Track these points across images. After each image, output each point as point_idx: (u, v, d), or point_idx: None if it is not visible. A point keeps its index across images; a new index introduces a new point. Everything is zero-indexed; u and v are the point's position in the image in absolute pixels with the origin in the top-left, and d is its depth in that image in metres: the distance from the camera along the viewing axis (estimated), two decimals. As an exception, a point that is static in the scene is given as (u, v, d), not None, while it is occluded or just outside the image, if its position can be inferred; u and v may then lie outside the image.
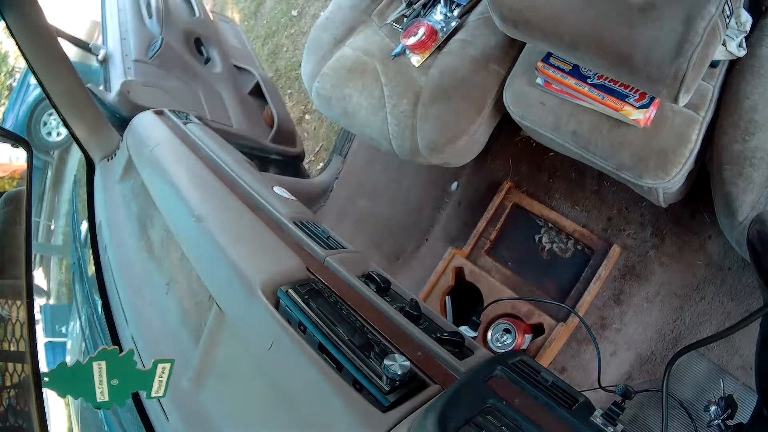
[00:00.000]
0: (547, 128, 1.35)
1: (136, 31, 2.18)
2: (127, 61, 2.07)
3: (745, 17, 1.18)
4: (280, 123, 2.41)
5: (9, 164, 1.04)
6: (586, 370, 1.65)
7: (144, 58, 2.11)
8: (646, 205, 1.66)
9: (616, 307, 1.66)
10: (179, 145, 1.26)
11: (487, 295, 1.71)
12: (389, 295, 0.93)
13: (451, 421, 0.61)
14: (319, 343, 0.77)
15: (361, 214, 2.22)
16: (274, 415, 0.80)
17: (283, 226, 1.07)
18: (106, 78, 2.07)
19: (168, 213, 1.11)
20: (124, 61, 2.07)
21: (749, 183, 1.16)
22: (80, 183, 1.89)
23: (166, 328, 1.05)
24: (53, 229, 3.48)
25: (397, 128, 1.55)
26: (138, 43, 2.15)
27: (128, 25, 2.20)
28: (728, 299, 1.53)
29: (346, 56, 1.65)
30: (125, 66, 2.05)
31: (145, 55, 2.12)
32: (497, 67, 1.47)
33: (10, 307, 0.80)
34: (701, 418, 1.36)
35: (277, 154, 2.39)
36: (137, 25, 2.21)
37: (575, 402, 0.69)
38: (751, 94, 1.17)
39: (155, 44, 2.16)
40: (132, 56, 2.09)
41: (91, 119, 1.42)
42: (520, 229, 1.83)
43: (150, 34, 2.21)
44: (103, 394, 0.68)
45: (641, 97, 1.20)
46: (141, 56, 2.11)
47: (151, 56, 2.13)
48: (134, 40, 2.15)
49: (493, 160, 1.94)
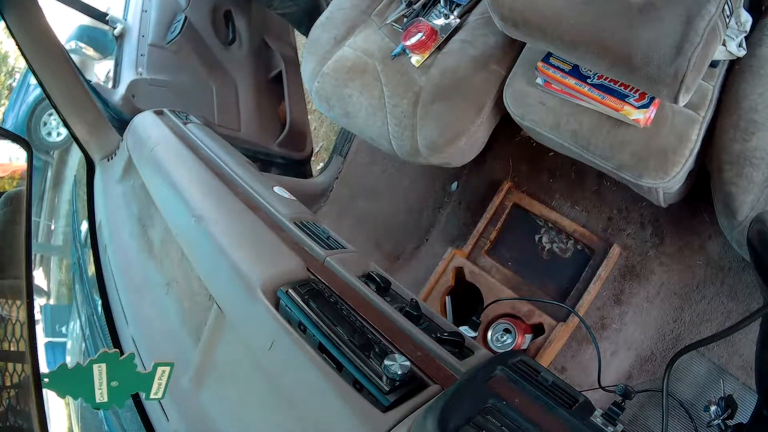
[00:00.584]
0: (547, 128, 1.35)
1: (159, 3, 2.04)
2: (142, 45, 1.96)
3: (745, 17, 1.18)
4: (292, 125, 2.30)
5: (9, 164, 1.04)
6: (586, 370, 1.65)
7: (161, 42, 1.99)
8: (646, 205, 1.66)
9: (616, 307, 1.66)
10: (179, 145, 1.26)
11: (487, 295, 1.71)
12: (389, 295, 0.93)
13: (451, 421, 0.61)
14: (319, 343, 0.77)
15: (361, 214, 2.22)
16: (274, 415, 0.81)
17: (283, 226, 1.07)
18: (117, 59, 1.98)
19: (168, 213, 1.11)
20: (139, 46, 1.95)
21: (749, 183, 1.16)
22: (80, 183, 1.89)
23: (166, 328, 1.05)
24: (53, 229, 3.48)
25: (397, 128, 1.55)
26: (159, 19, 2.01)
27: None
28: (728, 299, 1.53)
29: (346, 56, 1.65)
30: (139, 53, 1.94)
31: (162, 38, 2.00)
32: (497, 67, 1.47)
33: (10, 307, 0.80)
34: (701, 418, 1.37)
35: (282, 158, 2.33)
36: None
37: (575, 402, 0.69)
38: (751, 94, 1.17)
39: (176, 25, 2.02)
40: (149, 38, 1.97)
41: (91, 119, 1.42)
42: (520, 229, 1.83)
43: (175, 6, 2.05)
44: (102, 396, 0.68)
45: (641, 97, 1.20)
46: (158, 39, 1.99)
47: (169, 40, 2.00)
48: (156, 13, 2.02)
49: (493, 160, 1.94)
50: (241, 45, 2.20)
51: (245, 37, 2.20)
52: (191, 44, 2.05)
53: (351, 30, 1.69)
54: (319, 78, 1.66)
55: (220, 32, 2.16)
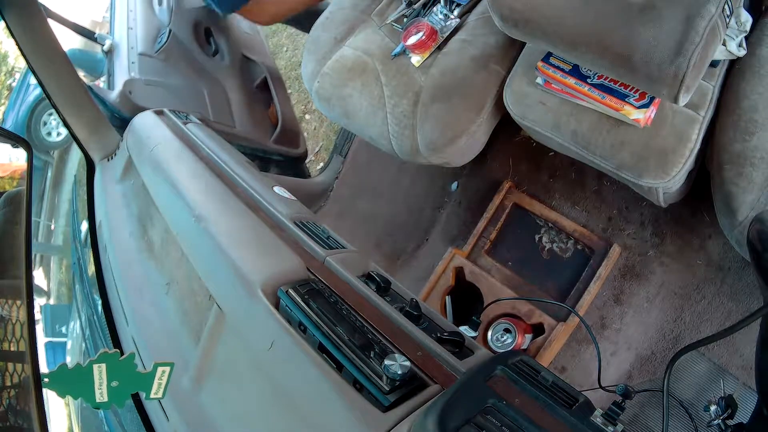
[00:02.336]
0: (547, 128, 1.35)
1: (144, 20, 2.13)
2: (132, 54, 2.03)
3: (745, 17, 1.18)
4: (284, 123, 2.37)
5: (9, 164, 1.04)
6: (586, 369, 1.65)
7: (150, 52, 2.06)
8: (646, 204, 1.66)
9: (616, 306, 1.66)
10: (179, 145, 1.26)
11: (487, 295, 1.71)
12: (389, 295, 0.93)
13: (451, 421, 0.61)
14: (320, 343, 0.77)
15: (361, 214, 2.22)
16: (274, 415, 0.80)
17: (283, 226, 1.07)
18: (109, 71, 2.04)
19: (168, 213, 1.11)
20: (129, 55, 2.02)
21: (749, 183, 1.16)
22: (80, 183, 1.89)
23: (166, 328, 1.05)
24: (53, 229, 3.49)
25: (397, 128, 1.55)
26: (145, 34, 2.10)
27: (137, 13, 2.15)
28: (728, 299, 1.53)
29: (346, 56, 1.65)
30: (130, 60, 2.01)
31: (151, 48, 2.08)
32: (497, 67, 1.47)
33: (10, 307, 0.80)
34: (701, 417, 1.36)
35: (278, 155, 2.37)
36: (146, 13, 2.15)
37: (575, 402, 0.69)
38: (751, 94, 1.17)
39: (162, 36, 2.11)
40: (138, 49, 2.04)
41: (91, 119, 1.42)
42: (520, 229, 1.83)
43: (158, 23, 2.15)
44: (102, 395, 0.68)
45: (641, 96, 1.20)
46: (147, 49, 2.06)
47: (157, 49, 2.08)
48: (142, 30, 2.10)
49: (493, 160, 1.94)
50: (224, 57, 2.31)
51: (227, 51, 2.31)
52: (179, 54, 2.13)
53: (351, 30, 1.69)
54: (319, 78, 1.66)
55: (204, 46, 2.26)
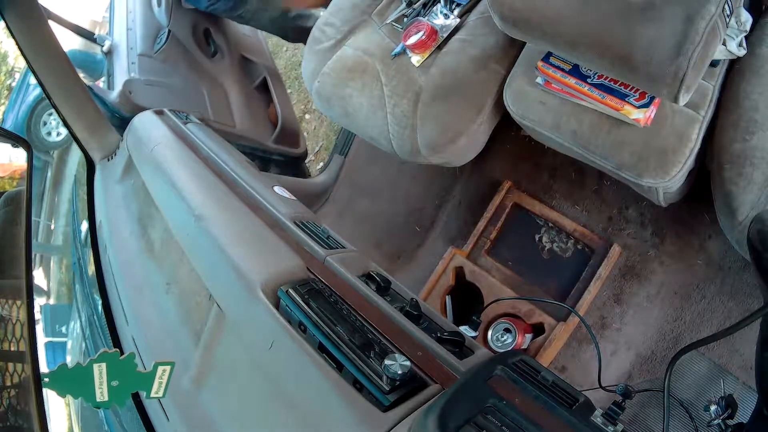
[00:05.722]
0: (547, 128, 1.35)
1: (143, 21, 2.13)
2: (131, 55, 2.03)
3: (745, 16, 1.18)
4: (284, 123, 2.37)
5: (9, 164, 1.04)
6: (586, 369, 1.65)
7: (149, 52, 2.06)
8: (647, 204, 1.66)
9: (617, 306, 1.66)
10: (179, 145, 1.26)
11: (487, 294, 1.71)
12: (389, 295, 0.93)
13: (451, 421, 0.61)
14: (320, 343, 0.77)
15: (361, 214, 2.22)
16: (275, 414, 0.80)
17: (283, 226, 1.07)
18: (109, 71, 2.04)
19: (168, 213, 1.11)
20: (129, 55, 2.03)
21: (749, 182, 1.16)
22: (80, 183, 1.89)
23: (166, 328, 1.05)
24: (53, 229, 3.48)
25: (397, 128, 1.55)
26: (144, 35, 2.09)
27: (136, 14, 2.14)
28: (728, 299, 1.53)
29: (346, 56, 1.65)
30: (129, 61, 2.01)
31: (150, 49, 2.08)
32: (497, 67, 1.47)
33: (10, 307, 0.80)
34: (701, 417, 1.36)
35: (279, 154, 2.37)
36: (145, 14, 2.15)
37: (575, 402, 0.69)
38: (752, 94, 1.17)
39: (161, 37, 2.10)
40: (137, 50, 2.04)
41: (91, 119, 1.42)
42: (520, 229, 1.83)
43: (158, 24, 2.15)
44: (102, 395, 0.68)
45: (641, 96, 1.20)
46: (146, 50, 2.06)
47: (156, 50, 2.08)
48: (141, 30, 2.10)
49: (493, 159, 1.94)
50: (223, 57, 2.31)
51: (226, 51, 2.31)
52: (178, 54, 2.13)
53: (351, 30, 1.69)
54: (320, 78, 1.66)
55: (203, 47, 2.26)
